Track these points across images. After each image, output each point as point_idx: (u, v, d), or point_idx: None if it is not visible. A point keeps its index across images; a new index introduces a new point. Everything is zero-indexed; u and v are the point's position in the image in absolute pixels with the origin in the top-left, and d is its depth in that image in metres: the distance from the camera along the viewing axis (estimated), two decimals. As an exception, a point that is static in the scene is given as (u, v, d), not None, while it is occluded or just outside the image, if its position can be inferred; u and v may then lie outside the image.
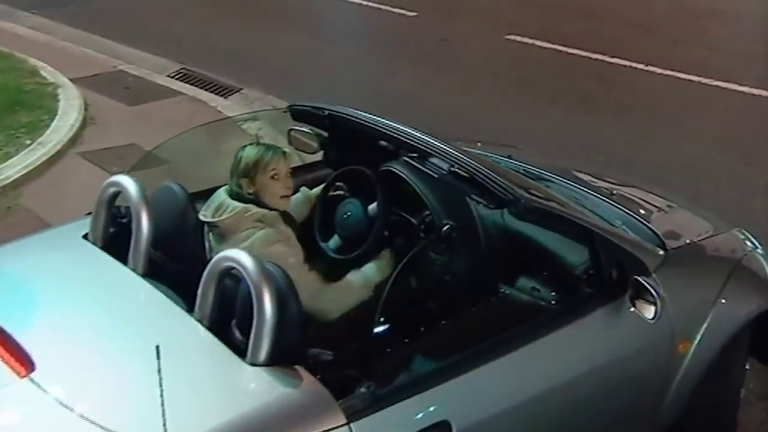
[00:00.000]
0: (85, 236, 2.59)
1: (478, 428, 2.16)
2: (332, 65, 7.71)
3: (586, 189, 3.22)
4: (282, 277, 2.09)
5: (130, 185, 2.47)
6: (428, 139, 2.53)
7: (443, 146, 2.49)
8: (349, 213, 2.79)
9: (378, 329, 2.21)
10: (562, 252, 2.69)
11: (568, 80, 7.24)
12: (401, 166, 2.78)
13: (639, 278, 2.55)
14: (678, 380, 2.68)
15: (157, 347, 1.66)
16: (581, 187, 3.23)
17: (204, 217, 2.62)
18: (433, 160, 2.66)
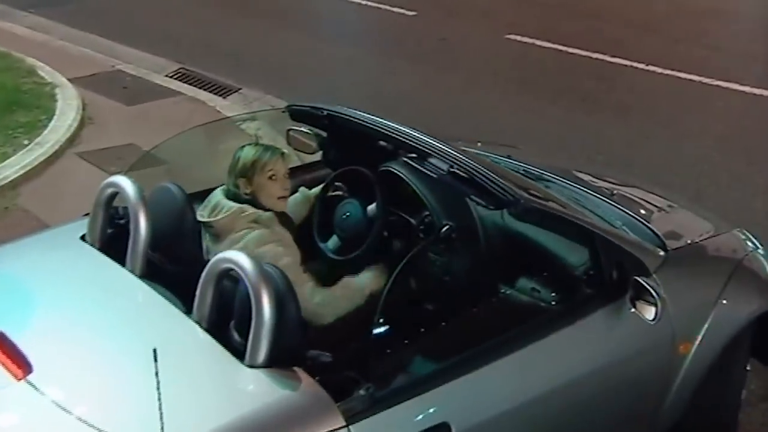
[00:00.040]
0: (82, 237, 2.58)
1: (478, 430, 2.16)
2: (332, 65, 7.70)
3: (586, 189, 3.21)
4: (281, 278, 2.08)
5: (127, 186, 2.46)
6: (427, 139, 2.52)
7: (442, 146, 2.48)
8: (348, 213, 2.78)
9: (377, 330, 2.20)
10: (562, 253, 2.68)
11: (568, 80, 7.23)
12: (400, 166, 2.77)
13: (639, 279, 2.54)
14: (678, 381, 2.67)
15: (155, 350, 1.65)
16: (581, 188, 3.22)
17: (201, 218, 2.61)
18: (432, 161, 2.65)
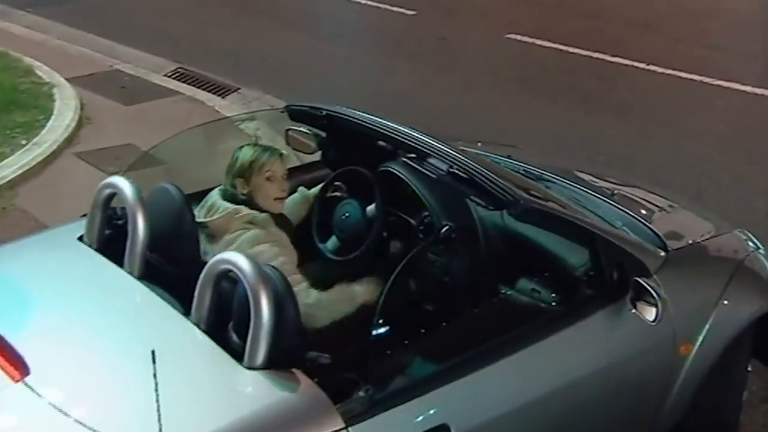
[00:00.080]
0: (80, 238, 2.57)
1: (478, 431, 2.14)
2: (331, 64, 7.69)
3: (586, 189, 3.20)
4: (279, 279, 2.07)
5: (125, 187, 2.45)
6: (427, 139, 2.51)
7: (442, 146, 2.47)
8: (347, 214, 2.77)
9: (376, 332, 2.19)
10: (563, 253, 2.67)
11: (568, 79, 7.22)
12: (400, 166, 2.76)
13: (640, 280, 2.53)
14: (679, 382, 2.66)
15: (153, 352, 1.64)
16: (582, 188, 3.21)
17: (198, 218, 2.60)
18: (432, 161, 2.64)
